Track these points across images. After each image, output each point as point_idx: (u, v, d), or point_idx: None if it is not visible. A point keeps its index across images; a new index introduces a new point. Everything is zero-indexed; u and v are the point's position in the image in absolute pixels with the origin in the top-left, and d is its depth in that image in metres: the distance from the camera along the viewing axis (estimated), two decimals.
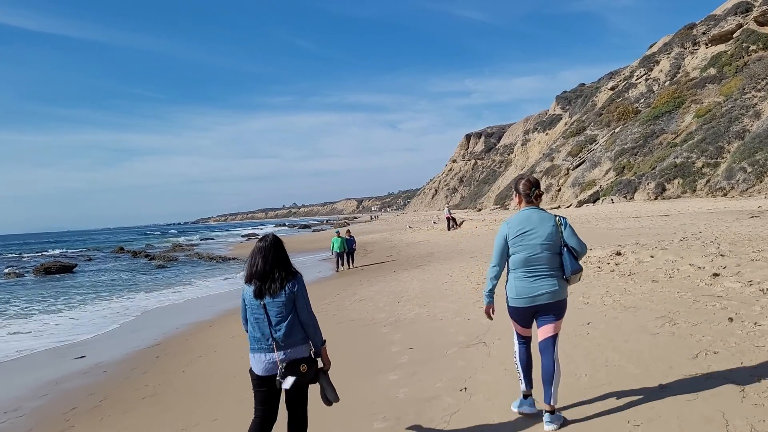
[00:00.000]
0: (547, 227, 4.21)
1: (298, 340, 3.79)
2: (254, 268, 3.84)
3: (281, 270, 3.82)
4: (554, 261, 4.21)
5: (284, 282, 3.79)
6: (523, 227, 4.24)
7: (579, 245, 4.25)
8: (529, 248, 4.19)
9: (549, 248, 4.19)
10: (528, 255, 4.20)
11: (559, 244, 4.21)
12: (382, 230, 52.89)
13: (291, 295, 3.78)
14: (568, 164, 53.71)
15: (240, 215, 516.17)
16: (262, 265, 3.81)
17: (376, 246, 33.54)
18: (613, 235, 17.64)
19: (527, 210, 4.34)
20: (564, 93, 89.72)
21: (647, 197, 38.67)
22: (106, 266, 38.16)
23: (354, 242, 23.50)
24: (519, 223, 4.27)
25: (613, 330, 6.54)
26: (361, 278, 17.25)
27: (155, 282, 24.87)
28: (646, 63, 60.74)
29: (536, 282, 4.20)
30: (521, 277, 4.25)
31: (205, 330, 11.78)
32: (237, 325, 5.37)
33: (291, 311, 3.78)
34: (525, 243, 4.20)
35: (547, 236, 4.19)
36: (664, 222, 20.57)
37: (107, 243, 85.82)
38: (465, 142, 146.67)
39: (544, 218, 4.26)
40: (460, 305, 9.56)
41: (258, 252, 3.87)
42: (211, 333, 11.31)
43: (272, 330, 3.72)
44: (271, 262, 3.82)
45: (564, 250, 4.21)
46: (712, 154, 37.21)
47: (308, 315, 3.85)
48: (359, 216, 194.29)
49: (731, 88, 43.07)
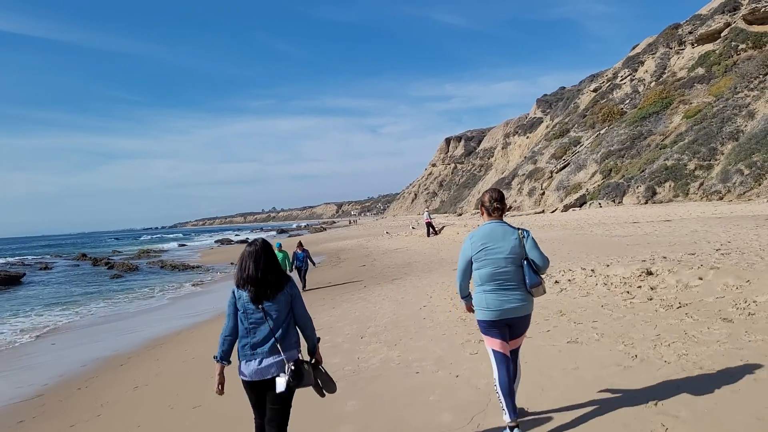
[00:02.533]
0: (511, 241, 4.18)
1: (292, 343, 3.80)
2: (246, 273, 3.77)
3: (275, 274, 3.81)
4: (519, 274, 4.17)
5: (281, 285, 3.80)
6: (487, 242, 4.20)
7: (540, 259, 4.19)
8: (495, 262, 4.16)
9: (513, 261, 4.15)
10: (493, 269, 4.15)
11: (522, 257, 4.18)
12: (358, 236, 50.27)
13: (288, 298, 3.82)
14: (552, 167, 51.59)
15: (219, 219, 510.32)
16: (254, 270, 3.76)
17: (350, 254, 31.06)
18: (615, 245, 15.28)
19: (491, 224, 4.30)
20: (545, 96, 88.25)
21: (637, 201, 36.64)
22: (58, 276, 35.33)
23: (305, 258, 18.25)
24: (482, 237, 4.24)
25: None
26: (325, 295, 14.64)
27: (98, 295, 22.35)
28: (631, 64, 59.03)
29: (505, 295, 4.15)
30: (490, 290, 4.18)
31: (108, 375, 9.06)
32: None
33: (288, 314, 3.81)
34: (490, 257, 4.16)
35: (511, 250, 4.16)
36: (669, 228, 18.28)
37: (77, 248, 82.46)
38: (445, 145, 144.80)
39: (507, 232, 4.23)
40: (443, 347, 7.00)
41: (249, 257, 3.82)
42: (115, 381, 8.59)
43: (270, 333, 3.71)
44: (264, 267, 3.78)
45: (524, 263, 4.17)
46: (705, 156, 35.31)
47: (305, 315, 3.91)
48: (338, 220, 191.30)
49: (721, 87, 41.36)
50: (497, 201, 4.30)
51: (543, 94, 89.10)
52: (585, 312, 7.29)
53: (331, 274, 21.46)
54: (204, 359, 8.94)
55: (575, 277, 9.35)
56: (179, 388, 7.37)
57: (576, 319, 7.01)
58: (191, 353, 9.58)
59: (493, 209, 4.30)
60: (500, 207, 4.30)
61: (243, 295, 3.76)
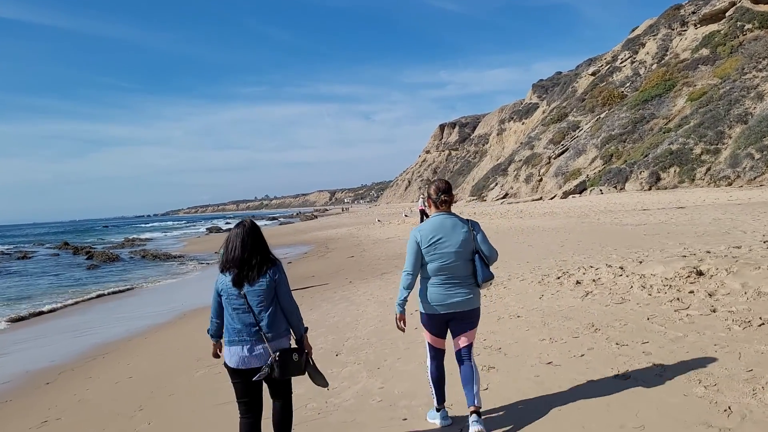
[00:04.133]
0: (460, 234, 4.04)
1: (282, 331, 3.64)
2: (231, 255, 3.62)
3: (260, 257, 3.63)
4: (467, 268, 4.06)
5: (264, 269, 3.61)
6: (435, 235, 4.04)
7: (490, 251, 4.10)
8: (443, 257, 4.01)
9: (462, 256, 4.03)
10: (442, 263, 4.01)
11: (472, 251, 4.05)
12: (349, 224, 48.47)
13: (272, 283, 3.61)
14: (550, 152, 49.86)
15: (211, 207, 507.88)
16: (241, 251, 3.60)
17: (339, 243, 29.35)
18: (630, 234, 13.63)
19: (440, 216, 4.14)
20: (541, 81, 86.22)
21: (640, 187, 35.03)
22: (33, 267, 33.51)
23: None
24: (431, 230, 4.06)
25: None
26: (305, 292, 12.91)
27: (65, 288, 20.50)
28: (631, 46, 57.21)
29: (451, 290, 4.03)
30: (435, 284, 4.05)
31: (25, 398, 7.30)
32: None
33: (273, 300, 3.62)
34: (439, 251, 4.01)
35: (460, 243, 4.02)
36: (685, 216, 16.63)
37: (63, 236, 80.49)
38: (439, 132, 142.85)
39: (456, 224, 4.09)
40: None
41: (235, 238, 3.65)
42: (27, 409, 6.84)
43: (254, 320, 3.54)
44: (250, 249, 3.61)
45: (476, 257, 4.04)
46: (712, 140, 33.70)
47: (291, 303, 3.70)
48: (330, 208, 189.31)
49: (727, 69, 39.69)
50: (444, 192, 4.17)
51: (539, 79, 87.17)
52: (626, 327, 5.57)
53: (316, 266, 19.74)
54: (143, 379, 7.22)
55: (601, 277, 7.65)
56: (96, 425, 5.65)
57: (617, 338, 5.29)
58: (131, 369, 7.85)
59: (441, 201, 4.16)
60: (448, 199, 4.17)
61: (226, 279, 3.61)
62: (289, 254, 26.74)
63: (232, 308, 3.59)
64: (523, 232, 18.75)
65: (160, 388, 6.55)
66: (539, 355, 5.24)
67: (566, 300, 7.07)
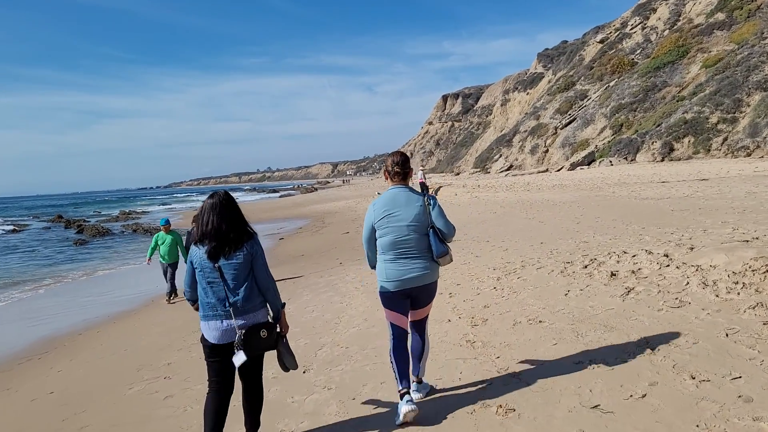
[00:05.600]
0: (414, 207, 3.91)
1: (257, 304, 3.50)
2: (207, 227, 3.45)
3: (237, 229, 3.50)
4: (422, 242, 3.91)
5: (241, 242, 3.47)
6: (389, 209, 3.92)
7: (446, 227, 3.94)
8: (396, 230, 3.88)
9: (416, 230, 3.88)
10: (395, 237, 3.88)
11: (427, 225, 3.91)
12: (349, 197, 46.95)
13: (248, 257, 3.47)
14: (557, 123, 47.92)
15: (213, 179, 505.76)
16: (218, 223, 3.44)
17: (336, 217, 27.93)
18: (655, 210, 12.08)
19: (394, 189, 4.02)
20: (546, 50, 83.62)
21: (652, 158, 33.29)
22: (19, 241, 32.31)
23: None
24: (384, 204, 3.95)
25: None
26: (288, 276, 11.43)
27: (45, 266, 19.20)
28: (641, 11, 54.77)
29: (406, 265, 3.89)
30: (391, 259, 3.92)
31: None
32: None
33: (249, 274, 3.48)
34: (392, 225, 3.89)
35: (414, 217, 3.88)
36: (712, 189, 15.04)
37: (61, 209, 79.46)
38: (442, 103, 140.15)
39: (411, 199, 3.95)
40: (439, 409, 3.78)
41: (211, 209, 3.47)
42: None
43: (229, 294, 3.39)
44: (227, 221, 3.46)
45: (430, 231, 3.90)
46: (729, 108, 31.82)
47: (267, 277, 3.55)
48: (332, 180, 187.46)
49: (744, 33, 37.63)
50: (398, 165, 4.01)
51: (544, 48, 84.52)
52: (698, 349, 3.95)
53: (308, 243, 18.28)
54: (64, 397, 5.74)
55: (641, 267, 6.09)
56: None
57: (690, 367, 3.70)
58: (58, 379, 6.39)
59: (395, 173, 4.01)
60: (401, 171, 4.00)
61: (201, 251, 3.44)
62: (284, 228, 25.40)
63: (206, 282, 3.44)
64: (531, 206, 17.18)
65: (74, 416, 5.06)
66: (577, 390, 3.70)
67: (601, 299, 5.54)
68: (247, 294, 3.41)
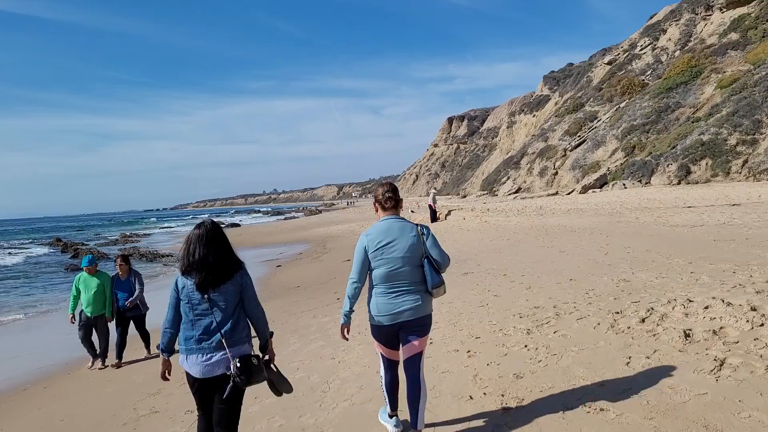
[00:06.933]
0: (409, 238, 3.78)
1: (243, 336, 3.41)
2: (193, 258, 3.37)
3: (225, 260, 3.42)
4: (416, 274, 3.78)
5: (231, 273, 3.41)
6: (383, 239, 3.77)
7: (441, 256, 3.84)
8: (390, 262, 3.74)
9: (410, 261, 3.76)
10: (389, 269, 3.73)
11: (421, 256, 3.79)
12: (353, 220, 45.61)
13: (238, 287, 3.43)
14: (566, 144, 46.70)
15: (219, 201, 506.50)
16: (204, 254, 3.36)
17: (338, 242, 26.60)
18: (693, 240, 10.73)
19: (387, 219, 3.88)
20: (552, 73, 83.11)
21: (668, 181, 31.95)
22: (9, 268, 31.11)
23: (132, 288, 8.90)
24: (379, 234, 3.80)
25: None
26: (277, 316, 10.05)
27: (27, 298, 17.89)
28: (651, 32, 53.89)
29: (398, 298, 3.76)
30: (382, 293, 3.77)
31: None
32: None
33: (237, 305, 3.43)
34: (386, 256, 3.74)
35: (409, 248, 3.75)
36: (750, 216, 13.69)
37: (63, 232, 79.05)
38: (447, 125, 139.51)
39: (405, 228, 3.83)
40: None
41: (197, 240, 3.41)
42: None
43: (217, 326, 3.31)
44: (214, 251, 3.38)
45: (425, 261, 3.78)
46: (748, 130, 30.55)
47: (256, 307, 3.52)
48: (336, 202, 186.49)
49: (760, 54, 36.51)
50: (391, 193, 3.93)
51: (550, 71, 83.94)
52: None
53: (306, 271, 16.93)
54: None
55: (723, 326, 4.60)
56: None
57: None
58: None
59: (386, 199, 3.92)
60: (394, 198, 3.93)
61: (188, 283, 3.36)
62: (284, 254, 24.15)
63: (194, 314, 3.34)
64: (547, 233, 15.80)
65: None
66: None
67: (683, 375, 4.07)
68: (233, 326, 3.34)
